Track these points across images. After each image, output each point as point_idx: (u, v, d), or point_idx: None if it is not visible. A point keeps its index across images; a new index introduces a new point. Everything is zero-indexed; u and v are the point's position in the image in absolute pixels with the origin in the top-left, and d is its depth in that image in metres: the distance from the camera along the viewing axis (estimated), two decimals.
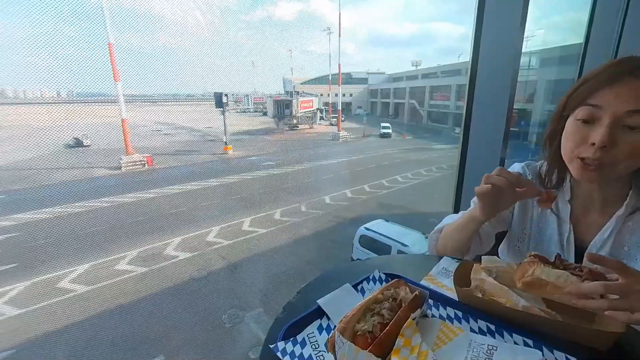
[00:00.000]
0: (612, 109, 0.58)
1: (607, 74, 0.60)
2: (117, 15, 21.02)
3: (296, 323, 0.61)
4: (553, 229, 0.77)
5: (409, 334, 0.51)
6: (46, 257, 7.90)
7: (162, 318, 6.12)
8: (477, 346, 0.52)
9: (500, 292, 0.59)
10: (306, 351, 0.55)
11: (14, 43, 32.57)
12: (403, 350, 0.49)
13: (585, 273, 0.53)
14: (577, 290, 0.51)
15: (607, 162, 0.60)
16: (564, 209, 0.76)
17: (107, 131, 19.66)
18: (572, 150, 0.65)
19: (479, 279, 0.63)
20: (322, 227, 10.12)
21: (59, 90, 30.43)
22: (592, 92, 0.61)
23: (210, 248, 8.66)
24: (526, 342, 0.53)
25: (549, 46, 6.79)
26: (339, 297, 0.67)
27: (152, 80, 32.15)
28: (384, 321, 0.53)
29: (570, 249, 0.74)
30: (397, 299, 0.59)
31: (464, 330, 0.56)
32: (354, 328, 0.53)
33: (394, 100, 47.49)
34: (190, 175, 15.19)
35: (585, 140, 0.62)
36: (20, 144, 19.95)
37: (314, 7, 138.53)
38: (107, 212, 10.82)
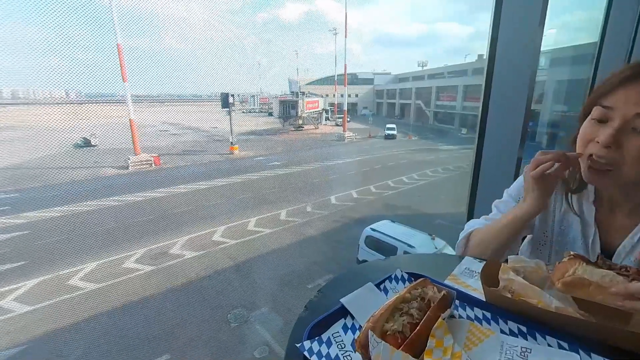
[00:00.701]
0: (622, 111, 0.60)
1: (621, 77, 0.61)
2: (125, 17, 21.24)
3: (320, 322, 0.60)
4: (576, 232, 0.75)
5: (440, 335, 0.50)
6: (56, 255, 8.01)
7: (168, 316, 6.16)
8: (510, 348, 0.51)
9: (531, 292, 0.56)
10: (332, 350, 0.54)
11: (26, 45, 33.14)
12: (436, 351, 0.48)
13: (632, 273, 0.50)
14: (624, 291, 0.49)
15: (613, 163, 0.61)
16: (588, 211, 0.74)
17: (115, 131, 19.86)
18: (582, 147, 0.67)
19: (508, 279, 0.60)
20: (328, 227, 10.11)
21: (68, 90, 30.86)
22: (606, 93, 0.63)
23: (216, 247, 8.70)
24: (561, 344, 0.51)
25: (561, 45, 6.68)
26: (362, 296, 0.66)
27: (159, 80, 32.44)
28: (414, 321, 0.52)
29: (596, 253, 0.71)
30: (425, 299, 0.58)
31: (495, 332, 0.54)
32: (383, 328, 0.51)
33: (400, 101, 47.31)
34: (197, 175, 15.30)
35: (594, 138, 0.64)
36: (31, 144, 20.27)
37: (320, 8, 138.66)
38: (115, 211, 10.94)
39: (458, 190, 12.19)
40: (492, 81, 1.45)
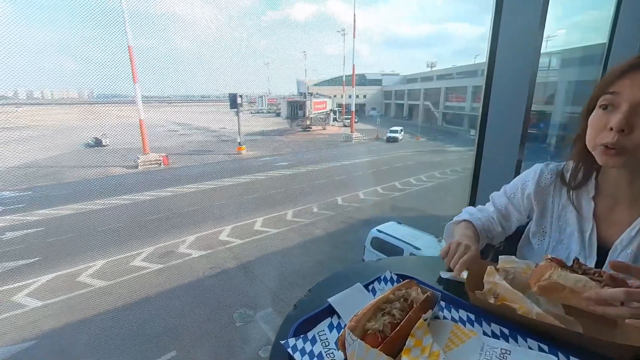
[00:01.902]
0: (629, 96, 0.61)
1: (626, 66, 0.63)
2: (136, 19, 21.64)
3: (307, 320, 0.62)
4: (573, 227, 0.76)
5: (420, 335, 0.51)
6: (67, 252, 8.18)
7: (175, 314, 6.24)
8: (490, 349, 0.51)
9: (514, 297, 0.57)
10: (316, 348, 0.56)
11: (41, 47, 33.98)
12: (414, 350, 0.49)
13: (605, 278, 0.51)
14: (596, 296, 0.49)
15: (628, 146, 0.61)
16: (586, 206, 0.75)
17: (125, 131, 20.22)
18: (594, 138, 0.67)
19: (492, 282, 0.61)
20: (334, 228, 10.10)
21: (80, 91, 31.53)
22: (612, 81, 0.65)
23: (223, 247, 8.77)
24: (541, 347, 0.52)
25: (571, 46, 6.58)
26: (350, 296, 0.67)
27: (168, 81, 32.99)
28: (395, 321, 0.53)
29: (593, 248, 0.73)
30: (408, 300, 0.59)
31: (477, 334, 0.55)
32: (365, 327, 0.53)
33: (408, 102, 47.03)
34: (204, 175, 15.46)
35: (605, 126, 0.64)
36: (45, 143, 20.77)
37: (329, 9, 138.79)
38: (124, 210, 11.13)
39: (466, 192, 12.04)
40: (492, 83, 1.44)
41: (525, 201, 0.86)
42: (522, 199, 0.86)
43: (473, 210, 0.96)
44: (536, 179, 0.84)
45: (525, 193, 0.85)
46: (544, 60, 11.35)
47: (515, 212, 0.89)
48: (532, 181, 0.84)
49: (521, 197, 0.87)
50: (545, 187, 0.83)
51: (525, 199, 0.85)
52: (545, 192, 0.83)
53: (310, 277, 7.37)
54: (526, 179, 0.87)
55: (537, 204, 0.83)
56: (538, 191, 0.83)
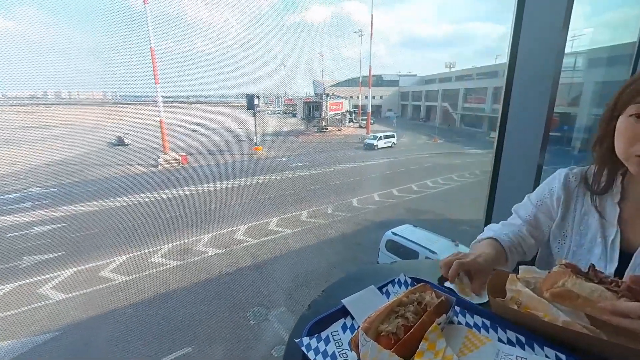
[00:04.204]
0: None
1: None
2: (158, 22, 22.30)
3: (321, 320, 0.63)
4: (595, 232, 0.74)
5: (434, 339, 0.51)
6: (90, 247, 8.51)
7: (191, 311, 6.38)
8: (505, 356, 0.51)
9: (539, 305, 0.55)
10: (330, 348, 0.56)
11: (70, 49, 35.51)
12: (427, 354, 0.49)
13: (622, 289, 0.49)
14: (612, 308, 0.48)
15: None
16: (611, 211, 0.73)
17: (146, 131, 20.85)
18: (627, 149, 0.64)
19: (515, 290, 0.60)
20: (349, 230, 10.07)
21: (105, 92, 32.73)
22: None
23: (239, 246, 8.90)
24: (558, 356, 0.51)
25: (598, 45, 6.33)
26: (364, 298, 0.68)
27: (188, 82, 33.82)
28: (408, 324, 0.54)
29: (615, 253, 0.70)
30: (422, 303, 0.59)
31: (492, 340, 0.54)
32: (378, 328, 0.53)
33: (425, 103, 46.35)
34: (222, 174, 15.73)
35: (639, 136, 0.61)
36: (71, 142, 21.68)
37: (347, 10, 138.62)
38: (144, 207, 11.47)
39: (485, 196, 11.75)
40: (512, 84, 1.41)
41: (555, 206, 0.83)
42: (551, 205, 0.84)
43: (496, 227, 0.91)
44: (562, 183, 0.82)
45: (554, 198, 0.83)
46: (570, 60, 10.91)
47: (545, 219, 0.85)
48: (559, 185, 0.82)
49: (550, 203, 0.84)
50: (571, 192, 0.81)
51: (555, 203, 0.83)
52: (570, 196, 0.81)
53: (323, 277, 7.38)
54: (552, 184, 0.85)
55: (562, 208, 0.82)
56: (565, 195, 0.81)
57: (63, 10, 23.62)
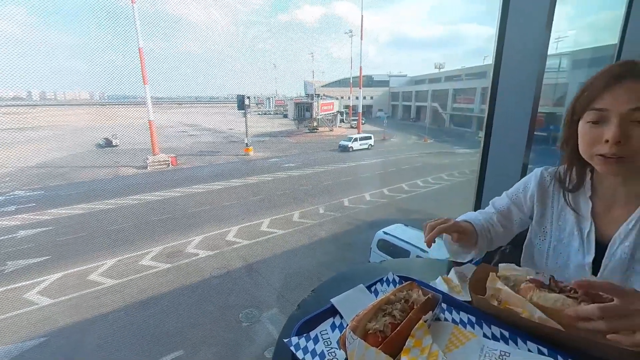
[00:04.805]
0: (616, 109, 0.63)
1: (607, 79, 0.65)
2: (147, 22, 21.99)
3: (310, 320, 0.63)
4: (573, 226, 0.79)
5: (420, 335, 0.52)
6: (78, 251, 8.34)
7: (182, 314, 6.30)
8: (490, 351, 0.52)
9: (517, 301, 0.58)
10: (319, 347, 0.57)
11: (55, 49, 34.74)
12: (413, 350, 0.50)
13: (580, 295, 0.52)
14: (574, 314, 0.50)
15: (626, 155, 0.63)
16: (584, 206, 0.78)
17: (135, 132, 20.54)
18: (589, 150, 0.69)
19: (495, 288, 0.62)
20: (340, 230, 10.09)
21: (92, 92, 32.13)
22: (595, 97, 0.66)
23: (230, 247, 8.83)
24: (541, 350, 0.52)
25: (582, 47, 6.51)
26: (353, 297, 0.68)
27: (178, 83, 33.44)
28: (395, 321, 0.54)
29: (591, 244, 0.75)
30: (409, 301, 0.60)
31: (477, 336, 0.56)
32: (366, 327, 0.54)
33: (415, 103, 46.77)
34: (212, 176, 15.60)
35: (599, 139, 0.66)
36: (57, 143, 21.20)
37: (337, 11, 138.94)
38: (133, 209, 11.29)
39: (472, 194, 11.92)
40: (498, 85, 1.44)
41: (528, 202, 0.88)
42: (524, 199, 0.89)
43: (472, 214, 0.97)
44: (537, 181, 0.87)
45: (528, 194, 0.88)
46: (554, 61, 11.17)
47: (517, 211, 0.90)
48: (534, 183, 0.87)
49: (523, 197, 0.89)
50: (546, 190, 0.86)
51: (528, 199, 0.88)
52: (545, 194, 0.86)
53: (315, 278, 7.38)
54: (528, 182, 0.90)
55: (538, 205, 0.86)
56: (540, 193, 0.86)
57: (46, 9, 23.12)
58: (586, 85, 0.70)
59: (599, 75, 0.68)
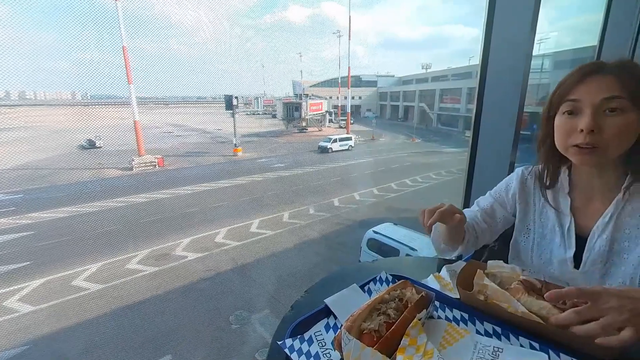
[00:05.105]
0: (589, 100, 0.67)
1: (579, 74, 0.70)
2: (131, 20, 21.52)
3: (304, 321, 0.62)
4: (554, 222, 0.82)
5: (415, 334, 0.52)
6: (61, 255, 8.10)
7: (171, 317, 6.20)
8: (483, 348, 0.52)
9: (502, 297, 0.60)
10: (313, 348, 0.56)
11: (35, 48, 33.66)
12: (409, 349, 0.50)
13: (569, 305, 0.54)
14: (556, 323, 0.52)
15: (599, 144, 0.67)
16: (563, 202, 0.81)
17: (119, 133, 20.08)
18: (565, 141, 0.72)
19: (482, 284, 0.64)
20: (330, 229, 10.11)
21: (74, 92, 31.28)
22: (570, 89, 0.71)
23: (219, 249, 8.73)
24: (532, 345, 0.53)
25: (564, 48, 6.72)
26: (346, 297, 0.68)
27: (164, 83, 32.87)
28: (390, 321, 0.54)
29: (572, 239, 0.78)
30: (403, 300, 0.60)
31: (470, 332, 0.56)
32: (360, 327, 0.54)
33: (403, 103, 47.24)
34: (200, 177, 15.39)
35: (574, 129, 0.69)
36: (37, 145, 20.54)
37: (325, 11, 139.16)
38: (119, 212, 11.04)
39: (461, 193, 12.12)
40: (485, 85, 1.46)
41: (511, 200, 0.91)
42: (507, 198, 0.92)
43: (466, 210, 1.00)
44: (519, 180, 0.90)
45: (510, 193, 0.91)
46: (537, 62, 11.43)
47: (500, 209, 0.93)
48: (516, 182, 0.90)
49: (506, 196, 0.92)
50: (527, 188, 0.89)
51: (510, 198, 0.91)
52: (527, 192, 0.89)
53: (306, 278, 7.37)
54: (510, 181, 0.93)
55: (520, 204, 0.89)
56: (521, 191, 0.89)
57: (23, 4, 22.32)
58: (560, 82, 0.74)
59: (572, 72, 0.72)
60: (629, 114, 0.65)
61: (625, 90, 0.65)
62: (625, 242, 0.70)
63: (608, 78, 0.67)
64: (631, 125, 0.66)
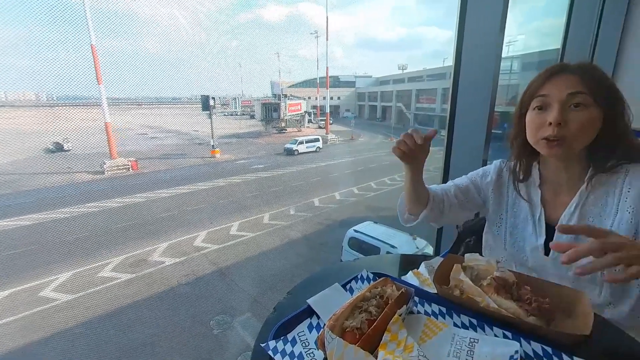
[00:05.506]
0: (556, 95, 0.74)
1: (547, 74, 0.78)
2: (99, 17, 20.58)
3: (287, 322, 0.62)
4: (526, 212, 0.88)
5: (396, 329, 0.53)
6: (27, 266, 7.63)
7: (149, 325, 6.00)
8: (460, 339, 0.55)
9: (476, 292, 0.63)
10: (297, 349, 0.56)
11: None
12: (390, 345, 0.51)
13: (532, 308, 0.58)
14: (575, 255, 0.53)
15: (565, 136, 0.73)
16: (534, 194, 0.87)
17: (90, 135, 19.15)
18: (535, 134, 0.78)
19: (457, 279, 0.67)
20: (312, 230, 10.11)
21: (39, 93, 29.60)
22: (539, 87, 0.78)
23: (198, 253, 8.54)
24: (505, 334, 0.56)
25: (530, 51, 7.08)
26: (329, 297, 0.68)
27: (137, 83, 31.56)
28: (372, 318, 0.55)
29: (542, 228, 0.84)
30: (384, 297, 0.61)
31: (448, 325, 0.58)
32: (343, 325, 0.54)
33: (381, 104, 47.95)
34: (177, 179, 14.97)
35: (543, 123, 0.76)
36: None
37: (302, 11, 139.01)
38: (90, 218, 10.54)
39: None
40: (458, 85, 1.51)
41: (485, 187, 0.97)
42: (482, 183, 0.98)
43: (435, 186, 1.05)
44: (496, 171, 0.96)
45: (486, 180, 0.97)
46: (507, 63, 11.92)
47: (473, 190, 0.98)
48: (493, 172, 0.96)
49: (481, 182, 0.98)
50: (502, 179, 0.95)
51: (486, 185, 0.97)
52: (501, 183, 0.95)
53: (288, 279, 7.34)
54: (487, 171, 0.99)
55: (495, 194, 0.95)
56: (497, 181, 0.95)
57: None
58: (530, 82, 0.81)
59: (540, 73, 0.80)
60: (591, 109, 0.72)
61: (586, 88, 0.72)
62: None
63: (572, 77, 0.74)
64: (593, 120, 0.73)
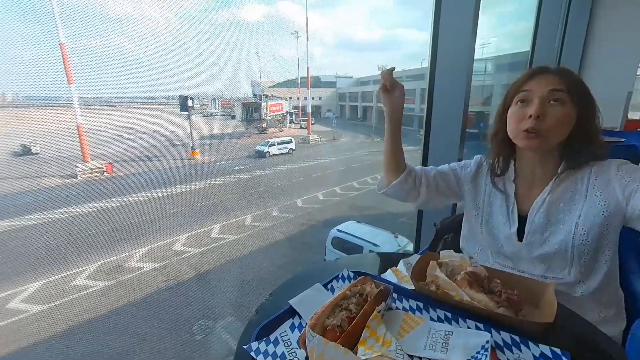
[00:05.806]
0: (538, 91, 0.81)
1: (530, 73, 0.85)
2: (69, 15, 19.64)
3: (269, 323, 0.63)
4: (501, 203, 0.95)
5: (375, 326, 0.55)
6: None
7: (127, 333, 5.81)
8: (435, 332, 0.57)
9: (451, 287, 0.67)
10: (279, 349, 0.57)
11: None
12: (369, 340, 0.53)
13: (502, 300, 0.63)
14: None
15: (543, 129, 0.79)
16: (509, 188, 0.95)
17: (60, 137, 18.28)
18: (516, 127, 0.84)
19: (434, 275, 0.71)
20: (295, 230, 10.09)
21: (4, 92, 28.00)
22: (523, 83, 0.85)
23: (178, 257, 8.34)
24: (478, 326, 0.59)
25: (503, 53, 7.38)
26: (310, 296, 0.69)
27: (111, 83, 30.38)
28: (352, 315, 0.57)
29: (515, 217, 0.91)
30: (363, 295, 0.63)
31: (424, 320, 0.61)
32: (324, 323, 0.56)
33: (362, 104, 48.42)
34: (155, 182, 14.55)
35: (524, 116, 0.82)
36: None
37: (282, 11, 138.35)
38: (62, 224, 10.07)
39: None
40: (434, 86, 1.56)
41: (464, 177, 1.04)
42: (461, 173, 1.05)
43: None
44: (476, 164, 1.04)
45: (466, 171, 1.05)
46: (481, 65, 12.29)
47: (453, 178, 1.05)
48: (473, 164, 1.04)
49: (461, 172, 1.06)
50: (481, 172, 1.02)
51: (464, 175, 1.04)
52: (480, 175, 1.02)
53: (271, 281, 7.29)
54: (468, 163, 1.07)
55: (473, 185, 1.03)
56: (476, 173, 1.03)
57: None
58: (514, 82, 0.88)
59: (523, 74, 0.87)
60: (567, 106, 0.79)
61: (565, 87, 0.80)
62: (560, 215, 0.83)
63: (553, 77, 0.82)
64: (569, 117, 0.80)
